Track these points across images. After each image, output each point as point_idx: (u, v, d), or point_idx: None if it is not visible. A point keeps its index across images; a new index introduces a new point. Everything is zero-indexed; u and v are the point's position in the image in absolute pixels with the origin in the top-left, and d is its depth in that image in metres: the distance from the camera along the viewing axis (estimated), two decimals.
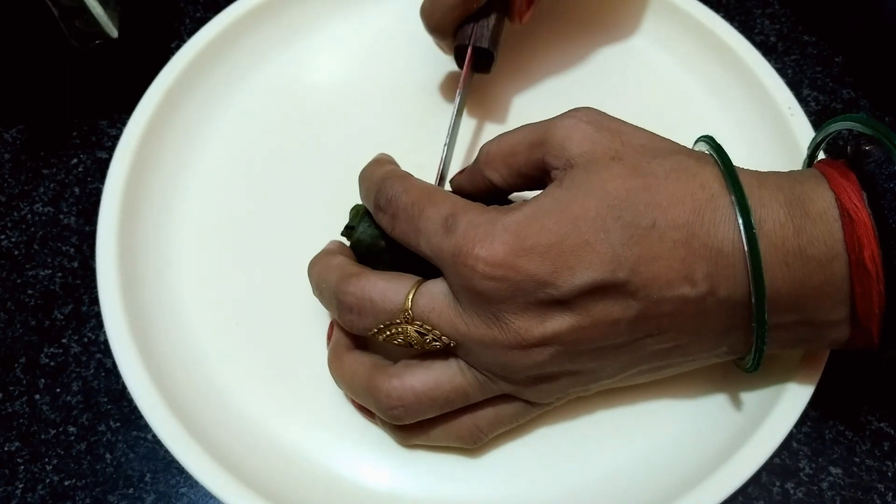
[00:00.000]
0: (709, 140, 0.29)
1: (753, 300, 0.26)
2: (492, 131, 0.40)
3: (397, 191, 0.29)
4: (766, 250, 0.26)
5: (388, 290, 0.29)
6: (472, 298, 0.27)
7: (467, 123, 0.40)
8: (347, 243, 0.34)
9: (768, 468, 0.34)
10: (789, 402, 0.31)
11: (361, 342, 0.33)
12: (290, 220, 0.38)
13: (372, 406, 0.30)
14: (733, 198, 0.26)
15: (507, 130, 0.31)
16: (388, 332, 0.29)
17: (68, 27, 0.36)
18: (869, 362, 0.36)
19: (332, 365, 0.32)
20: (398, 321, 0.28)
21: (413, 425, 0.31)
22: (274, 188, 0.39)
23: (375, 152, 0.39)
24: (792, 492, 0.33)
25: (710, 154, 0.28)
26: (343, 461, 0.33)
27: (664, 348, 0.28)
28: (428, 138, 0.40)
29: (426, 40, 0.39)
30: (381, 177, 0.31)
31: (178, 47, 0.40)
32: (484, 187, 0.32)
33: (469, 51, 0.37)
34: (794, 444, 0.34)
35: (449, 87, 0.42)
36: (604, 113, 0.29)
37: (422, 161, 0.35)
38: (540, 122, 0.30)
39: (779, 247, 0.26)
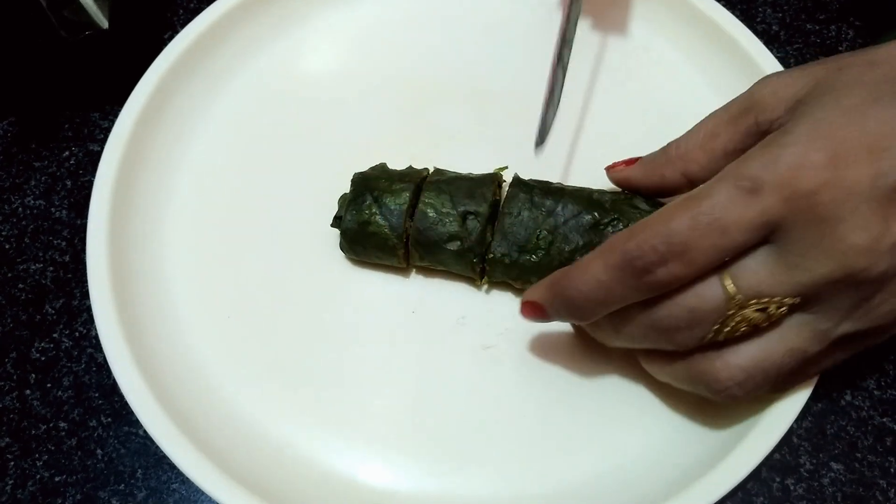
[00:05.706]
0: None
1: None
2: (503, 131, 0.40)
3: (649, 238, 0.26)
4: None
5: (697, 292, 0.26)
6: (810, 230, 0.25)
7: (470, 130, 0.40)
8: (338, 233, 0.34)
9: (768, 464, 0.33)
10: (790, 396, 0.31)
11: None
12: (283, 212, 0.38)
13: (703, 392, 0.29)
14: None
15: None
16: (728, 328, 0.26)
17: (57, 17, 0.36)
18: (870, 356, 0.35)
19: (653, 368, 0.30)
20: (731, 313, 0.26)
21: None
22: (267, 180, 0.38)
23: (368, 143, 0.38)
24: (792, 488, 0.33)
25: None
26: (336, 456, 0.32)
27: None
28: (422, 129, 0.39)
29: (420, 30, 0.38)
30: (605, 256, 0.27)
31: (170, 38, 0.40)
32: (672, 182, 0.31)
33: None
34: (795, 440, 0.34)
35: (443, 77, 0.41)
36: None
37: (415, 153, 0.34)
38: (731, 100, 0.29)
39: None
